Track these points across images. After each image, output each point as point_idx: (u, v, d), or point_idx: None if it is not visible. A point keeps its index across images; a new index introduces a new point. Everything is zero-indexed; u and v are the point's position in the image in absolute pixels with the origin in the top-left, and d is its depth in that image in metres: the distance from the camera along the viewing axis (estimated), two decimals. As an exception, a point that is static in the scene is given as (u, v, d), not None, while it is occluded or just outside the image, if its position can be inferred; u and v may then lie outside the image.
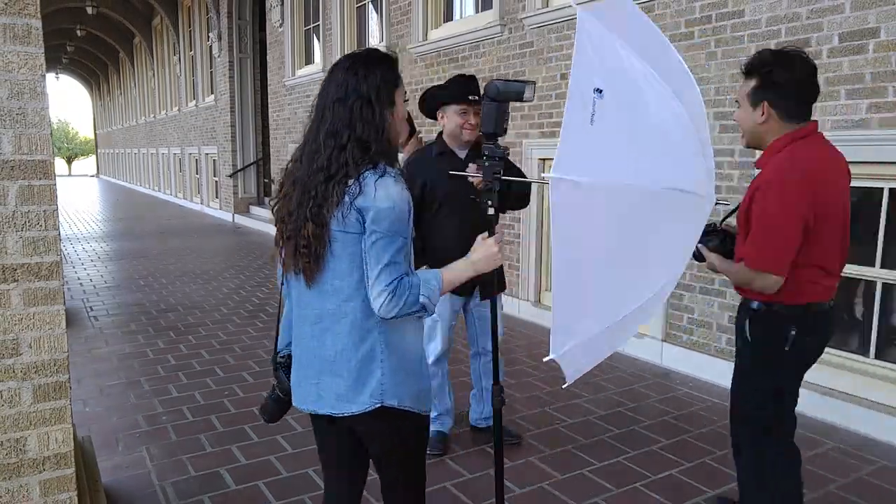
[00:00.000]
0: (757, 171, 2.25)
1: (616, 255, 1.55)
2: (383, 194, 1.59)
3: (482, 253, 1.75)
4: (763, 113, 2.16)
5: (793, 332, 2.18)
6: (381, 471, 1.86)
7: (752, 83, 2.17)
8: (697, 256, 2.28)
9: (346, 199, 1.59)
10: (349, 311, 1.65)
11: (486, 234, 1.80)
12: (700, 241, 2.16)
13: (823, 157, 2.18)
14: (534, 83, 1.79)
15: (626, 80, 1.43)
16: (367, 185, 1.60)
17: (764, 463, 2.33)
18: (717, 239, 2.31)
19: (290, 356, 1.87)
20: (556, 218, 1.43)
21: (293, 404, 1.84)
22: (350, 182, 1.61)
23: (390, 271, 1.59)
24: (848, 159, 2.27)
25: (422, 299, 1.61)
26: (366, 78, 1.64)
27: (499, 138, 1.83)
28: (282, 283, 1.85)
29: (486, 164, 1.81)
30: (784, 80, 2.12)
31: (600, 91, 1.35)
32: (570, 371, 1.64)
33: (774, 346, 2.23)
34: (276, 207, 1.77)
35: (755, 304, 2.25)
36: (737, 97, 2.28)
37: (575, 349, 1.57)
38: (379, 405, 1.67)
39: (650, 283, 1.65)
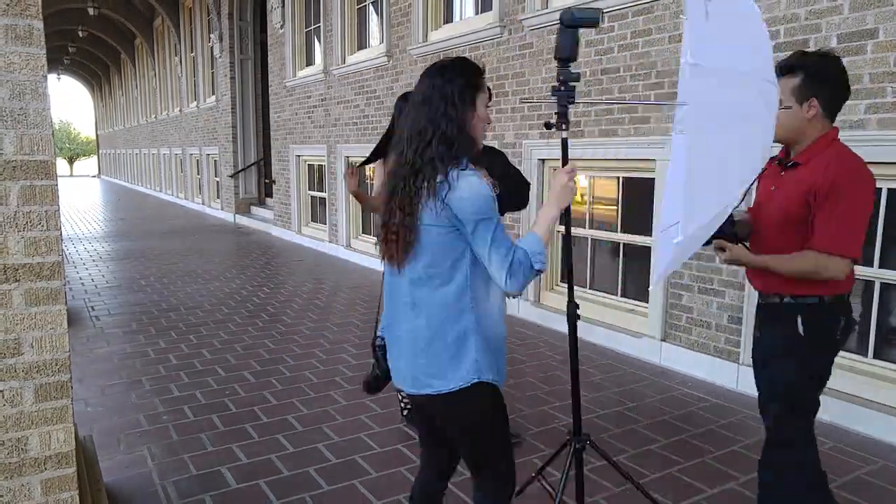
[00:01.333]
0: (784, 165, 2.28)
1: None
2: (466, 185, 1.75)
3: (555, 186, 1.91)
4: (810, 108, 2.17)
5: (842, 321, 2.27)
6: (464, 453, 2.02)
7: (797, 79, 2.16)
8: (727, 236, 2.18)
9: (440, 195, 1.75)
10: (442, 296, 1.81)
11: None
12: (724, 230, 2.05)
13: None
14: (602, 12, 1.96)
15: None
16: (453, 182, 1.76)
17: (804, 444, 2.42)
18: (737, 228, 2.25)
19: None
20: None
21: (392, 383, 2.03)
22: (439, 177, 1.76)
23: (497, 247, 1.75)
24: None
25: (536, 266, 1.78)
26: (450, 81, 1.81)
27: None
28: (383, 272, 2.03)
29: (562, 89, 2.00)
30: (832, 76, 2.16)
31: None
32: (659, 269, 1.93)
33: (827, 336, 2.28)
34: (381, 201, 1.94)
35: (810, 300, 2.24)
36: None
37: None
38: (476, 380, 1.83)
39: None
